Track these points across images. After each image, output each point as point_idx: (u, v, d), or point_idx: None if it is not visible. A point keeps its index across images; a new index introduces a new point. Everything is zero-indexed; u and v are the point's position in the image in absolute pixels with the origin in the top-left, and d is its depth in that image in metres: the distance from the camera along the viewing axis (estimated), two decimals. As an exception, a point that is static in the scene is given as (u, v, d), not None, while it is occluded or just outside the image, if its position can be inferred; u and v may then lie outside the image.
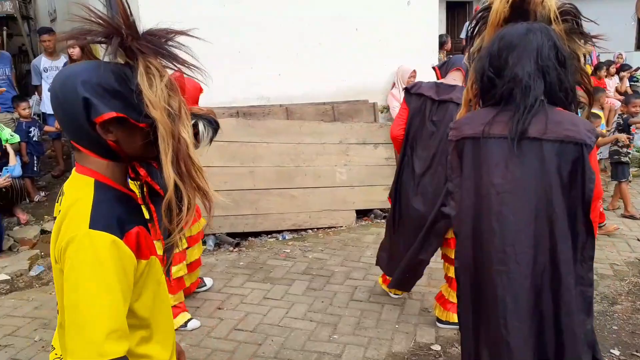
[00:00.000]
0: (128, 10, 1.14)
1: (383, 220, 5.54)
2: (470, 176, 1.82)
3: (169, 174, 1.13)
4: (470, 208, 1.83)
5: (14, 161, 5.27)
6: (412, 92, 3.36)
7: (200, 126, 2.78)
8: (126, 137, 1.18)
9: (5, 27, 9.83)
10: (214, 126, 2.89)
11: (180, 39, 1.19)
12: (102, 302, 1.08)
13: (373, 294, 3.97)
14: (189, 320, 3.52)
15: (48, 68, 6.37)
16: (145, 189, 1.31)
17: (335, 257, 4.75)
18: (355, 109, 5.99)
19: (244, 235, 5.20)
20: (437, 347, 3.28)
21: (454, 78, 3.33)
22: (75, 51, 5.77)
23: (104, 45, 1.18)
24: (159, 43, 1.15)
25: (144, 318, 1.25)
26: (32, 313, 3.81)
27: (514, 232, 1.71)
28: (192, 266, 3.72)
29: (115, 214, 1.15)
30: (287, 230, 5.35)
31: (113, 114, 1.13)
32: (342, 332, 3.46)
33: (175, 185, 1.14)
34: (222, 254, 4.85)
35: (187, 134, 1.15)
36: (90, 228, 1.11)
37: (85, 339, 1.07)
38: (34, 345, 3.38)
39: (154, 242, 1.27)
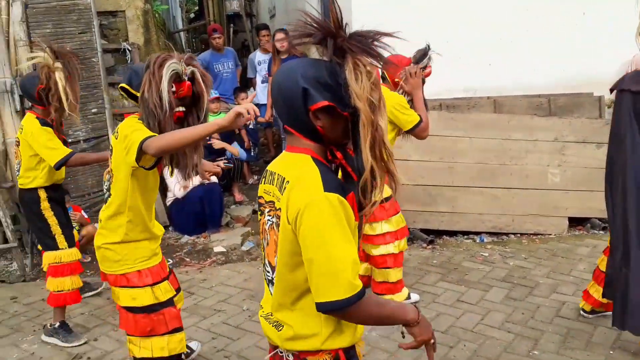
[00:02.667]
0: (340, 15, 1.32)
1: (602, 232, 4.89)
2: None
3: (367, 157, 1.32)
4: None
5: (235, 151, 5.84)
6: (616, 89, 2.99)
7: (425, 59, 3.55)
8: (331, 123, 1.39)
9: (232, 25, 10.99)
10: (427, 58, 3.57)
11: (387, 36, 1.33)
12: (346, 249, 1.32)
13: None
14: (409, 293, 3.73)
15: (261, 62, 6.89)
16: (340, 170, 1.49)
17: (541, 267, 4.32)
18: (576, 102, 5.37)
19: (439, 233, 5.04)
20: (666, 387, 2.77)
21: None
22: (286, 43, 6.12)
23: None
24: (366, 43, 1.31)
25: None
26: (242, 284, 4.18)
27: None
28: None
29: (337, 181, 1.39)
30: (486, 233, 5.04)
31: (325, 103, 1.34)
32: (543, 349, 3.13)
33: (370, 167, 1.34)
34: (415, 250, 4.76)
35: (384, 123, 1.33)
36: (325, 191, 1.32)
37: (340, 279, 1.31)
38: (242, 314, 3.71)
39: None
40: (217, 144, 5.69)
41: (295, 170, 1.40)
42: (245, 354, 3.20)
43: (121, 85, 2.34)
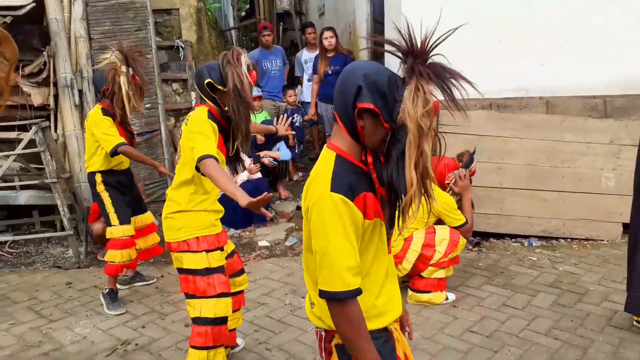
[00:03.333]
0: (428, 41, 1.37)
1: (657, 239, 4.68)
2: None
3: (411, 177, 1.37)
4: None
5: (276, 155, 5.90)
6: None
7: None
8: (371, 128, 1.46)
9: (281, 23, 11.09)
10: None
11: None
12: (343, 246, 1.42)
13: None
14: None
15: (308, 60, 6.91)
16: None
17: (592, 273, 4.18)
18: (634, 104, 5.14)
19: (485, 235, 4.95)
20: None
21: None
22: (333, 41, 6.17)
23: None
24: (442, 75, 1.35)
25: (364, 267, 1.53)
26: (285, 279, 4.23)
27: None
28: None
29: (348, 181, 1.45)
30: (535, 237, 4.91)
31: (371, 106, 1.42)
32: (593, 359, 3.03)
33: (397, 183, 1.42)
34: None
35: (429, 148, 1.37)
36: (330, 191, 1.42)
37: (333, 273, 1.42)
38: (285, 308, 3.75)
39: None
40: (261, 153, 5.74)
41: (319, 166, 1.53)
42: (287, 348, 3.24)
43: (208, 80, 2.58)
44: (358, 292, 1.44)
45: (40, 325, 3.62)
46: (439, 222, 3.77)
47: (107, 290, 3.81)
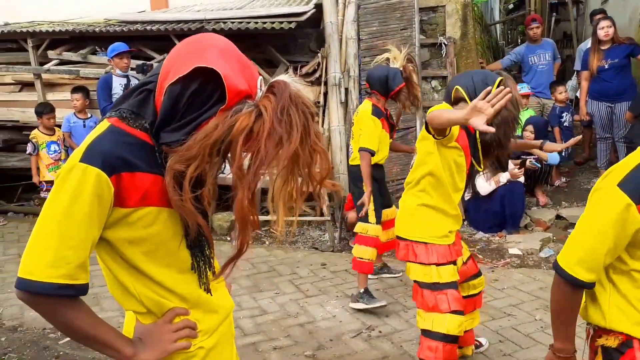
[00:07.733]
0: None
1: None
2: None
3: None
4: None
5: (544, 155, 5.41)
6: None
7: None
8: None
9: (554, 13, 10.21)
10: None
11: None
12: (594, 238, 1.35)
13: None
14: None
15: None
16: None
17: None
18: None
19: None
20: None
21: None
22: (610, 32, 5.45)
23: None
24: None
25: None
26: (536, 292, 3.90)
27: None
28: None
29: None
30: None
31: None
32: None
33: None
34: None
35: None
36: (617, 185, 1.31)
37: (570, 253, 1.41)
38: (534, 323, 3.46)
39: None
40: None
41: (627, 159, 1.37)
42: (533, 367, 2.98)
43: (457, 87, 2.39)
44: (574, 280, 1.38)
45: (298, 298, 4.02)
46: None
47: (362, 290, 3.76)
